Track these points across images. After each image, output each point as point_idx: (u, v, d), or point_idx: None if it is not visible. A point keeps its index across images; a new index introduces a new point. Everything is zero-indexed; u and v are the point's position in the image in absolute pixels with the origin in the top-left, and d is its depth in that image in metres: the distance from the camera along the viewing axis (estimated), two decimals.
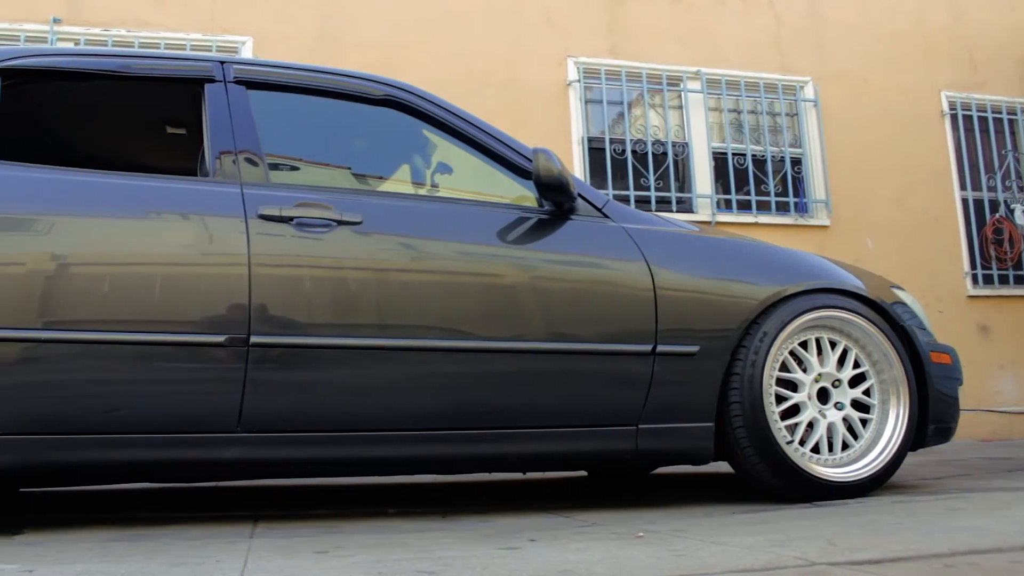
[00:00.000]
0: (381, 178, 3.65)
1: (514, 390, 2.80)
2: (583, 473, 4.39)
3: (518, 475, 4.38)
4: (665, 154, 7.19)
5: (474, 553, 1.97)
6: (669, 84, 7.31)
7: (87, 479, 3.02)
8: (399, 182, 3.65)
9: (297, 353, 2.62)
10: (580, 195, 3.02)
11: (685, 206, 7.15)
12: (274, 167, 2.98)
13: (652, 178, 7.05)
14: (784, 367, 3.02)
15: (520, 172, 3.07)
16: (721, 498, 3.15)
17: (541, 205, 3.02)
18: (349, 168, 3.50)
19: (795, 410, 3.01)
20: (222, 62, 3.00)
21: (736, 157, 7.28)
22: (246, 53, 6.55)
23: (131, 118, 3.46)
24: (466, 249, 2.85)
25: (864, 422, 3.10)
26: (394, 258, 2.76)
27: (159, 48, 6.41)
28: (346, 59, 6.38)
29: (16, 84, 2.88)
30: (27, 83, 2.92)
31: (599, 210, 3.05)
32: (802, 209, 7.42)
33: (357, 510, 3.08)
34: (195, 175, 3.58)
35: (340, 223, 2.72)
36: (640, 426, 2.90)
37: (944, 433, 3.26)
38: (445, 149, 3.40)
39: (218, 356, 2.55)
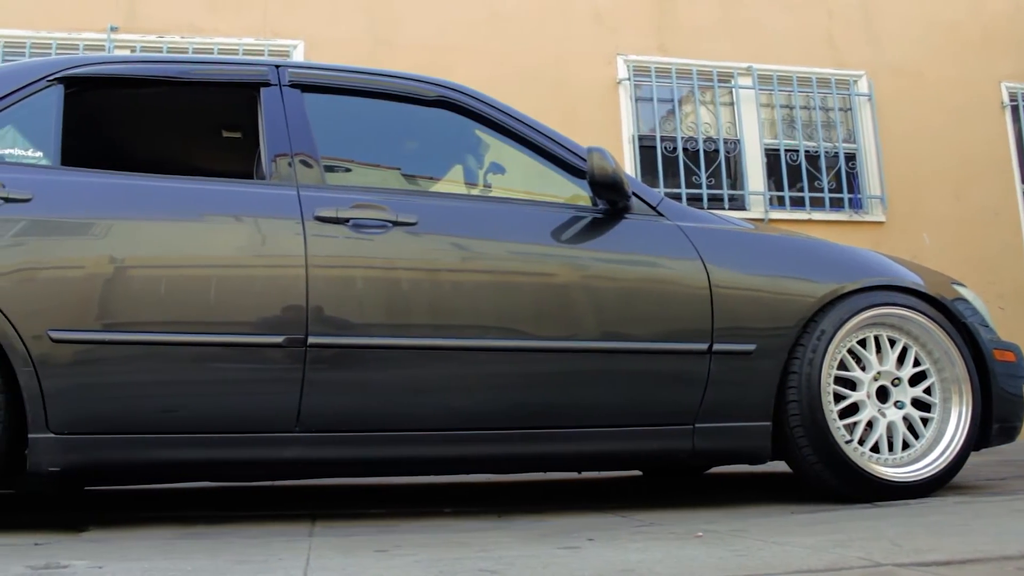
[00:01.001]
0: (434, 179, 3.67)
1: (569, 389, 2.80)
2: (637, 473, 4.38)
3: (572, 474, 4.37)
4: (716, 151, 7.14)
5: (533, 553, 1.97)
6: (720, 80, 7.25)
7: (149, 478, 3.07)
8: (452, 183, 3.66)
9: (354, 353, 2.65)
10: (634, 194, 3.01)
11: (737, 204, 7.09)
12: (329, 169, 3.01)
13: (704, 176, 7.00)
14: (842, 365, 2.98)
15: (574, 171, 3.06)
16: (777, 498, 3.12)
17: (595, 204, 3.01)
18: (402, 169, 3.52)
19: (854, 409, 2.97)
20: (277, 66, 3.04)
21: (789, 153, 7.21)
22: (297, 56, 6.63)
23: (188, 122, 3.51)
24: (521, 249, 2.85)
25: (925, 421, 3.04)
26: (449, 258, 2.78)
27: (213, 53, 6.50)
28: (396, 61, 6.42)
29: (79, 91, 2.94)
30: (89, 90, 2.99)
31: (654, 208, 3.04)
32: (856, 205, 7.32)
33: (413, 509, 3.09)
34: (250, 178, 3.62)
35: (395, 224, 2.74)
36: (697, 425, 2.87)
37: (1009, 432, 3.19)
38: (497, 149, 3.40)
39: (276, 357, 2.58)
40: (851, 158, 7.38)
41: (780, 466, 3.11)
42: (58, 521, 2.79)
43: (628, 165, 6.87)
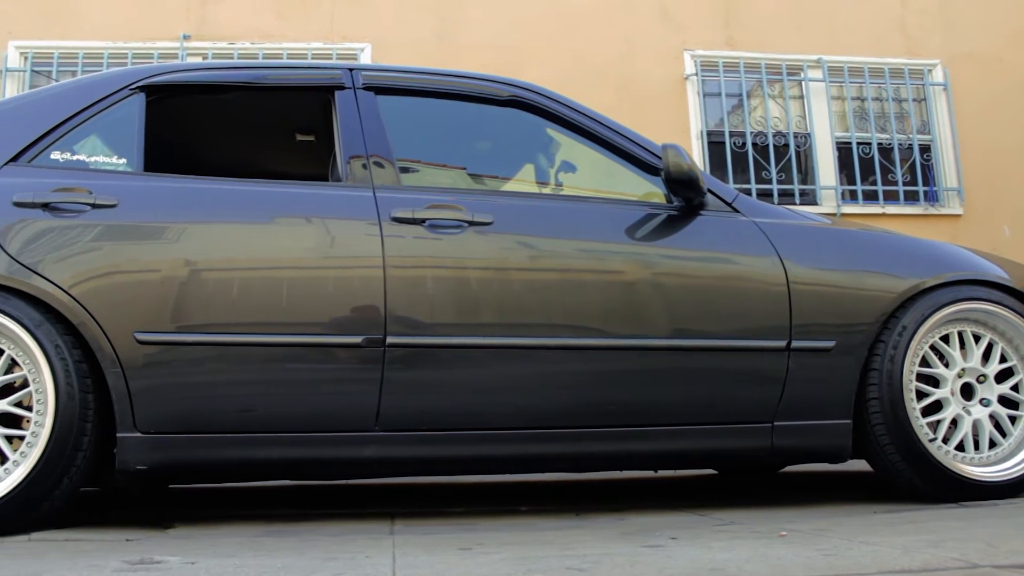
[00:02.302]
0: (506, 178, 3.68)
1: (646, 388, 2.79)
2: (711, 472, 4.33)
3: (646, 473, 4.35)
4: (786, 145, 7.04)
5: (618, 551, 1.97)
6: (789, 73, 7.15)
7: (231, 476, 3.13)
8: (523, 182, 3.67)
9: (431, 353, 2.67)
10: (709, 190, 2.98)
11: (808, 198, 6.98)
12: (403, 170, 3.03)
13: (774, 170, 6.91)
14: (925, 362, 2.91)
15: (648, 168, 3.04)
16: (856, 497, 3.06)
17: (669, 201, 2.99)
18: (474, 169, 3.54)
19: (937, 407, 2.90)
20: (351, 69, 3.07)
21: (861, 146, 7.07)
22: (365, 59, 6.70)
23: (263, 126, 3.58)
24: (596, 247, 2.85)
25: (1013, 419, 2.96)
26: (525, 258, 2.79)
27: (282, 58, 6.60)
28: (463, 61, 6.45)
29: (159, 99, 3.01)
30: (169, 97, 3.05)
31: (729, 205, 3.01)
32: (932, 198, 7.15)
33: (489, 508, 3.11)
34: (324, 180, 3.67)
35: (471, 224, 2.75)
36: (775, 423, 2.84)
37: None
38: (568, 148, 3.40)
39: (355, 357, 2.62)
40: (926, 150, 7.22)
41: (857, 465, 3.05)
42: (144, 518, 2.86)
43: (697, 161, 6.80)
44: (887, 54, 7.28)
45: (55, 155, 2.81)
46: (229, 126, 3.56)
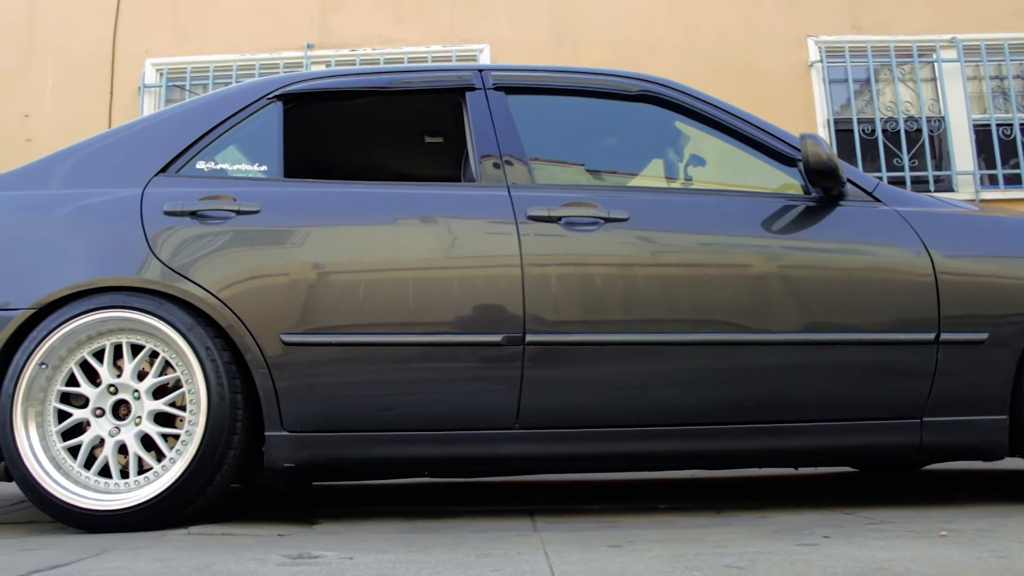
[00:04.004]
0: (634, 174, 3.65)
1: (788, 383, 2.72)
2: (848, 469, 4.21)
3: (781, 471, 4.25)
4: (919, 130, 6.77)
5: (772, 549, 1.93)
6: (920, 55, 6.88)
7: (374, 473, 3.19)
8: (652, 177, 3.63)
9: (570, 350, 2.66)
10: (849, 180, 2.89)
11: (943, 185, 6.70)
12: (534, 168, 3.04)
13: (906, 157, 6.66)
14: None
15: (784, 159, 2.98)
16: (1009, 496, 2.93)
17: (807, 192, 2.91)
18: (604, 165, 3.51)
19: None
20: (480, 70, 3.10)
21: (1001, 128, 6.75)
22: (484, 60, 6.75)
23: (394, 129, 3.64)
24: (735, 241, 2.79)
25: None
26: (664, 253, 2.76)
27: (403, 62, 6.71)
28: (581, 58, 6.45)
29: (296, 106, 3.10)
30: (305, 105, 3.14)
31: (869, 194, 2.91)
32: None
33: (627, 505, 3.09)
34: (453, 181, 3.71)
35: (607, 220, 2.74)
36: (924, 419, 2.73)
37: None
38: (696, 141, 3.35)
39: (495, 355, 2.64)
40: None
41: (1006, 464, 2.92)
42: (287, 514, 2.94)
43: None
44: None
45: (200, 165, 2.92)
46: (360, 130, 3.63)
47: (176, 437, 2.62)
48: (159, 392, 2.65)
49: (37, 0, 7.22)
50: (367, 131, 3.63)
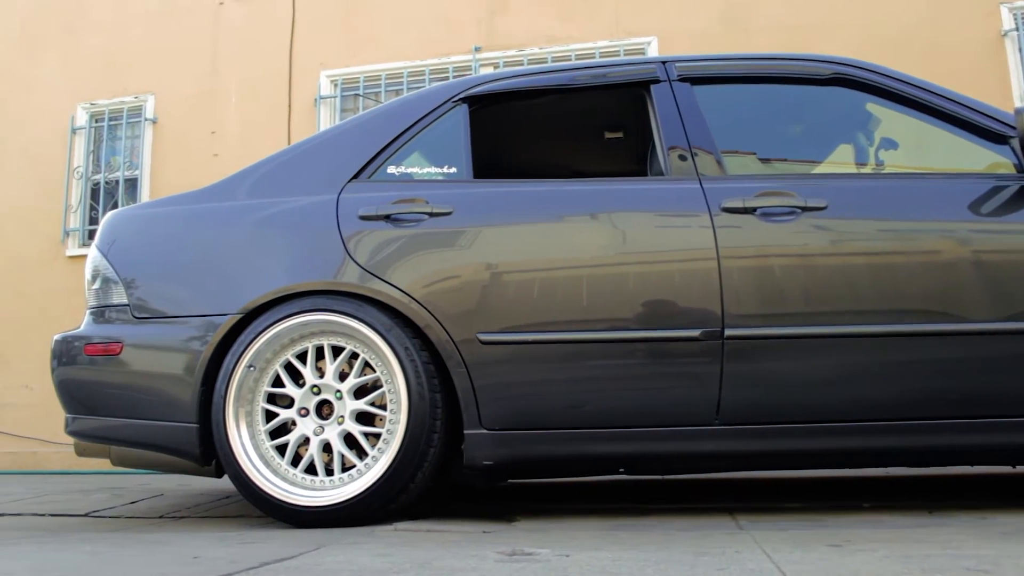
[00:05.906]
0: (824, 160, 3.52)
1: (1009, 375, 2.55)
2: None
3: (958, 469, 4.01)
4: None
5: (1010, 553, 1.81)
6: None
7: (570, 471, 3.20)
8: (843, 163, 3.49)
9: (770, 344, 2.59)
10: None
11: None
12: (726, 159, 2.98)
13: None
14: None
15: (993, 137, 2.80)
16: None
17: (1021, 171, 2.73)
18: (793, 153, 3.41)
19: None
20: (664, 62, 3.06)
21: None
22: (652, 52, 6.67)
23: (577, 126, 3.64)
24: (942, 227, 2.64)
25: None
26: (865, 242, 2.64)
27: (570, 60, 6.72)
28: (753, 44, 6.28)
29: (480, 108, 3.14)
30: (489, 106, 3.18)
31: None
32: None
33: (827, 503, 2.98)
34: (633, 175, 3.68)
35: (804, 210, 2.65)
36: None
37: None
38: (888, 123, 3.20)
39: (693, 351, 2.59)
40: None
41: None
42: (482, 511, 2.98)
43: None
44: None
45: (391, 169, 3.00)
46: (543, 128, 3.65)
47: (377, 436, 2.70)
48: (360, 392, 2.74)
49: (220, 22, 7.63)
50: (550, 129, 3.64)
